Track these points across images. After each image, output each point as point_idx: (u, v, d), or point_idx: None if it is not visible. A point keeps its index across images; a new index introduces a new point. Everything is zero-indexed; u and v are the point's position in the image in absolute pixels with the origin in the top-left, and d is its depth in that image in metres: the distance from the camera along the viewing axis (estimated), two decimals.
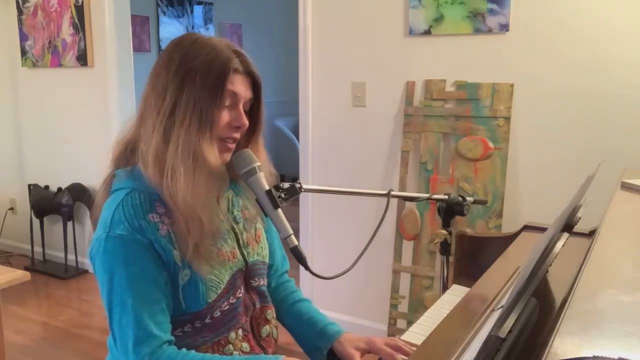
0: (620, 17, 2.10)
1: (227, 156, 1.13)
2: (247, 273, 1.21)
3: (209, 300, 1.11)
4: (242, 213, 1.22)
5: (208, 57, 1.06)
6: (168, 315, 1.07)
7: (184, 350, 1.07)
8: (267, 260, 1.27)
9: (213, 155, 1.07)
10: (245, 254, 1.20)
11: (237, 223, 1.20)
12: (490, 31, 2.32)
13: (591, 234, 1.37)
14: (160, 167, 1.05)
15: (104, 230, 1.05)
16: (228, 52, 1.08)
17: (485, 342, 0.70)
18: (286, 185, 1.10)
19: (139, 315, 1.02)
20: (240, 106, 1.10)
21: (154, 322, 1.03)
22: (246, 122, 1.11)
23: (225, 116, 1.08)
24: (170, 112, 1.05)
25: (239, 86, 1.09)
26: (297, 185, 1.11)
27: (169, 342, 1.06)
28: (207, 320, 1.13)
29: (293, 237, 1.05)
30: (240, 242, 1.19)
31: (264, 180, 1.09)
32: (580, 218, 1.18)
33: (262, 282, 1.26)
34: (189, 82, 1.05)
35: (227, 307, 1.15)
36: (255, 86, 1.13)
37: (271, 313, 1.27)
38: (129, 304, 1.02)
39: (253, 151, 1.14)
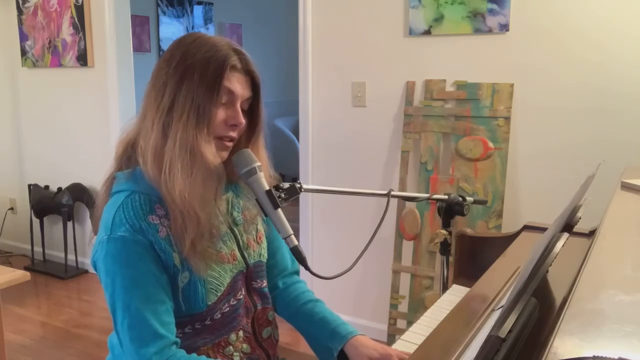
0: (621, 17, 2.10)
1: (225, 154, 1.13)
2: (248, 275, 1.20)
3: (209, 303, 1.10)
4: (243, 215, 1.21)
5: (207, 54, 1.07)
6: (173, 316, 1.07)
7: (194, 355, 1.06)
8: (264, 260, 1.26)
9: (210, 152, 1.07)
10: (246, 255, 1.19)
11: (237, 225, 1.19)
12: (490, 31, 2.32)
13: (591, 234, 1.37)
14: (158, 163, 1.05)
15: (105, 232, 1.04)
16: (227, 50, 1.09)
17: (485, 342, 0.70)
18: (286, 185, 1.10)
19: (144, 316, 1.01)
20: (237, 105, 1.10)
21: (160, 322, 1.02)
22: (242, 120, 1.11)
23: (221, 113, 1.08)
24: (169, 107, 1.06)
25: (236, 84, 1.09)
26: (297, 185, 1.11)
27: (176, 344, 1.05)
28: (207, 322, 1.12)
29: (293, 237, 1.05)
30: (241, 244, 1.19)
31: (264, 180, 1.09)
32: (580, 218, 1.18)
33: (264, 283, 1.25)
34: (187, 78, 1.05)
35: (228, 308, 1.15)
36: (254, 86, 1.13)
37: (272, 314, 1.26)
38: (133, 305, 1.01)
39: (253, 152, 1.13)
